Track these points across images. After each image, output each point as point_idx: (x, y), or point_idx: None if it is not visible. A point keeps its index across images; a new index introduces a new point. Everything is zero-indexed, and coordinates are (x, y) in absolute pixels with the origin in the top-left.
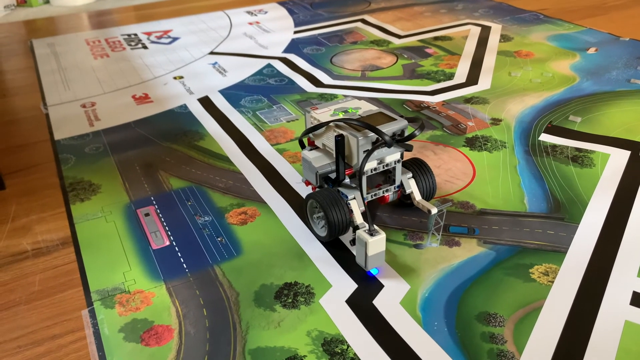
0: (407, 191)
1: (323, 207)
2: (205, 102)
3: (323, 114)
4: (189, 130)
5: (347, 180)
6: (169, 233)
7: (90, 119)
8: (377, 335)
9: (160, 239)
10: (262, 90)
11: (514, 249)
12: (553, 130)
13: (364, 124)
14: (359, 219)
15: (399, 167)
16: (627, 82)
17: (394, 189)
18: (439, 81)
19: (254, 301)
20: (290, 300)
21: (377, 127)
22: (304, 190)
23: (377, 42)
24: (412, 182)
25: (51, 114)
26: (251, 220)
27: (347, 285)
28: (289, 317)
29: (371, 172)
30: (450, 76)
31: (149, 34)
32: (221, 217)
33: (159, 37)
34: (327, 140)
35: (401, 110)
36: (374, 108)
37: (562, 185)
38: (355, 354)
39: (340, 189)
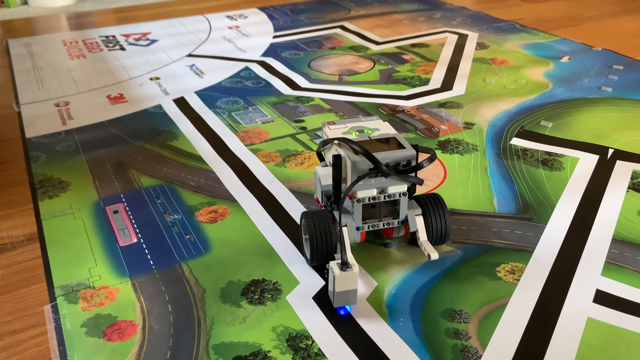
0: (412, 229)
1: (309, 228)
2: (181, 102)
3: (336, 130)
4: (163, 130)
5: (347, 205)
6: (137, 230)
7: (63, 118)
8: (342, 331)
9: (128, 236)
10: (238, 92)
11: (481, 248)
12: (524, 134)
13: (362, 148)
14: (342, 249)
15: (404, 200)
16: (598, 89)
17: (398, 223)
18: (414, 86)
19: (220, 297)
20: (256, 297)
21: (379, 152)
22: (277, 190)
23: (355, 48)
24: (420, 221)
25: (23, 112)
26: (221, 219)
27: (314, 282)
28: (254, 313)
29: (369, 200)
30: (426, 81)
31: (127, 35)
32: (191, 216)
33: (137, 39)
34: (331, 158)
35: (376, 113)
36: (391, 132)
37: (531, 187)
38: (319, 349)
39: (336, 213)
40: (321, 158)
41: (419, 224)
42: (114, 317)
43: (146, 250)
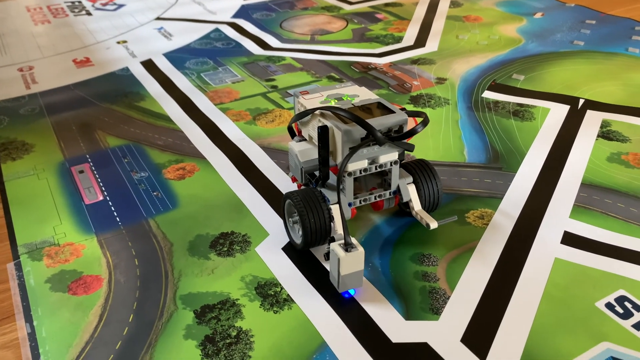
0: (405, 199)
1: (299, 209)
2: (148, 64)
3: (313, 100)
4: (130, 92)
5: (333, 180)
6: (103, 188)
7: (27, 82)
8: (311, 278)
9: (94, 194)
10: (208, 53)
11: (451, 197)
12: (496, 87)
13: (352, 115)
14: (339, 228)
15: (395, 169)
16: (570, 43)
17: (389, 194)
18: (387, 44)
19: (188, 250)
20: (225, 249)
21: (369, 120)
22: (246, 147)
23: (328, 8)
24: (412, 189)
25: None
26: (189, 175)
27: (284, 233)
28: (223, 264)
29: (360, 173)
30: (399, 39)
31: (93, 1)
32: (158, 173)
33: (104, 4)
34: (313, 131)
35: (349, 71)
36: (373, 97)
37: (502, 137)
38: (288, 295)
39: (323, 190)
40: (292, 133)
41: (412, 193)
42: (79, 272)
43: (112, 208)
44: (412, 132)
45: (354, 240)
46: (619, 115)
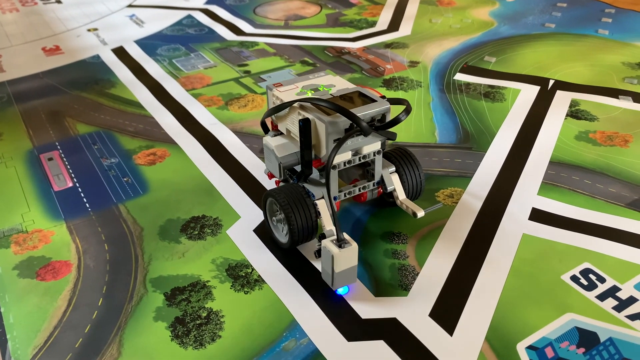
0: (389, 189)
1: (284, 207)
2: (120, 52)
3: (288, 92)
4: (100, 79)
5: (315, 175)
6: (73, 175)
7: None
8: (281, 258)
9: (63, 181)
10: (180, 39)
11: None
12: (468, 69)
13: (335, 106)
14: (327, 224)
15: (379, 159)
16: (542, 26)
17: (373, 185)
18: (361, 28)
19: (158, 235)
20: (196, 232)
21: (352, 110)
22: (219, 132)
23: None
24: (395, 178)
25: None
26: (160, 161)
27: (255, 215)
28: (194, 247)
29: (344, 165)
30: (373, 24)
31: None
32: (128, 159)
33: None
34: (292, 124)
35: (322, 56)
36: (350, 86)
37: (472, 118)
38: (259, 276)
39: (306, 185)
40: (266, 129)
41: (395, 183)
42: (47, 258)
43: (82, 194)
44: (396, 121)
45: (346, 235)
46: (587, 95)
